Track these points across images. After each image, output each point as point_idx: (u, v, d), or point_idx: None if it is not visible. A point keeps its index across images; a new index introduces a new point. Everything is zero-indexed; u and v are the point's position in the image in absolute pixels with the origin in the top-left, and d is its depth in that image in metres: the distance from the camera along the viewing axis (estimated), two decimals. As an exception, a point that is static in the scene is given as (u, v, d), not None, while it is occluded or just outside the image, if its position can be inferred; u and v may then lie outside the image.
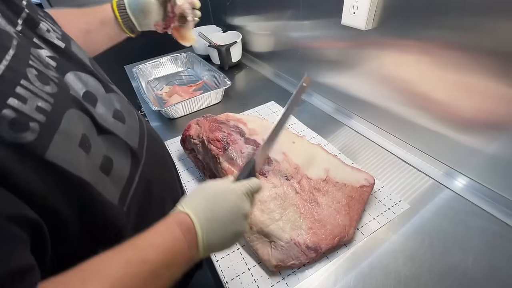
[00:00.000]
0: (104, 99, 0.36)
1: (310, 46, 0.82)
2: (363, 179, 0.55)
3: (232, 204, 0.33)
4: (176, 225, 0.30)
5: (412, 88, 0.59)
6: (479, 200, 0.53)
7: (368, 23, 0.57)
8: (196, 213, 0.31)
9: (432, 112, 0.57)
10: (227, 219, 0.33)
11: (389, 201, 0.55)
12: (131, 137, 0.38)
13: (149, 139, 0.43)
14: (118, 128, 0.36)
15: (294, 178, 0.53)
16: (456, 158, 0.57)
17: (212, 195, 0.34)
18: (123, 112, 0.38)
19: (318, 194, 0.52)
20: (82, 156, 0.29)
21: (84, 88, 0.34)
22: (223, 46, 1.02)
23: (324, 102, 0.85)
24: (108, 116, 0.35)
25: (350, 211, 0.50)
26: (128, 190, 0.36)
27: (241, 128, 0.61)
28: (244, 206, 0.35)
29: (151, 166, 0.41)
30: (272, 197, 0.50)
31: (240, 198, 0.34)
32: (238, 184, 0.36)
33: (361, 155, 0.67)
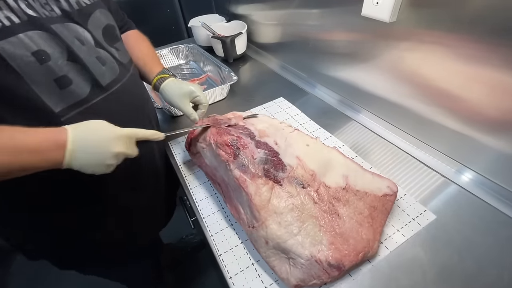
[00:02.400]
0: (91, 48, 0.48)
1: (321, 38, 0.77)
2: (385, 187, 0.51)
3: (105, 138, 0.42)
4: (54, 130, 0.39)
5: (433, 85, 0.54)
6: (508, 209, 0.50)
7: (393, 15, 0.52)
8: (73, 129, 0.40)
9: (456, 112, 0.53)
10: (95, 146, 0.41)
11: (413, 210, 0.51)
12: (103, 76, 0.49)
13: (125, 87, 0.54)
14: (94, 66, 0.47)
15: (311, 186, 0.49)
16: (481, 163, 0.53)
17: (94, 127, 0.42)
18: (106, 61, 0.50)
19: (338, 204, 0.48)
20: (33, 63, 0.39)
21: (75, 36, 0.45)
22: (227, 37, 0.96)
23: (331, 95, 0.80)
24: (90, 56, 0.47)
25: (374, 223, 0.46)
26: (76, 107, 0.45)
27: (250, 130, 0.57)
28: (114, 144, 0.42)
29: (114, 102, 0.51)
30: (289, 209, 0.46)
31: (115, 138, 0.43)
32: (122, 128, 0.44)
33: (374, 155, 0.63)
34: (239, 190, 0.48)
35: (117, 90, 0.52)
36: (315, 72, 0.85)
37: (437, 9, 0.48)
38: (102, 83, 0.49)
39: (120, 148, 0.43)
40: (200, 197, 0.57)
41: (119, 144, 0.43)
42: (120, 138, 0.43)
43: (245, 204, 0.47)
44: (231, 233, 0.50)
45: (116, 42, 0.55)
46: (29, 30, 0.39)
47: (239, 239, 0.49)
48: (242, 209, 0.48)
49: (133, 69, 0.60)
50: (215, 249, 0.48)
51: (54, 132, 0.39)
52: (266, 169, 0.49)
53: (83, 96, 0.46)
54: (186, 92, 0.62)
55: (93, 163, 0.42)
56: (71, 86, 0.44)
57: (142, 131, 0.47)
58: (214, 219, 0.53)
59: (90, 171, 0.42)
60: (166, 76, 0.65)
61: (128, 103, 0.55)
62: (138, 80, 0.63)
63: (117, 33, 0.57)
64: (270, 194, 0.46)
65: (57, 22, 0.43)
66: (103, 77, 0.49)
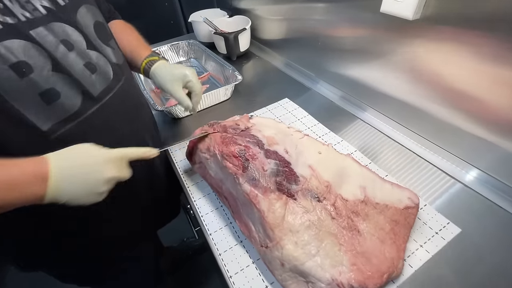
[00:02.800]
0: (81, 50, 0.43)
1: (331, 34, 0.72)
2: (406, 198, 0.47)
3: (92, 165, 0.38)
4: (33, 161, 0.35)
5: (451, 86, 0.51)
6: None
7: (417, 12, 0.47)
8: (56, 158, 0.36)
9: (476, 115, 0.49)
10: (83, 173, 0.37)
11: (435, 223, 0.48)
12: (93, 85, 0.45)
13: (119, 95, 0.49)
14: (82, 75, 0.43)
15: (327, 199, 0.46)
16: (498, 168, 0.50)
17: (79, 152, 0.38)
18: (98, 67, 0.45)
19: (357, 219, 0.44)
20: (12, 77, 0.35)
21: (62, 39, 0.40)
22: (230, 33, 0.90)
23: (339, 95, 0.76)
24: (77, 63, 0.42)
25: (396, 240, 0.43)
26: (68, 122, 0.42)
27: (258, 138, 0.53)
28: (104, 170, 0.38)
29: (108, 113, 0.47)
30: (305, 226, 0.42)
31: (104, 163, 0.38)
32: (110, 150, 0.40)
33: (385, 157, 0.60)
34: (249, 205, 0.44)
35: (110, 99, 0.48)
36: (322, 70, 0.81)
37: (465, 5, 0.43)
38: (93, 93, 0.44)
39: (112, 172, 0.38)
40: (205, 211, 0.53)
41: (110, 168, 0.38)
42: (110, 161, 0.39)
43: (257, 221, 0.44)
44: (241, 251, 0.47)
45: (109, 39, 0.50)
46: (5, 39, 0.34)
47: (250, 258, 0.46)
48: (254, 227, 0.44)
49: (128, 72, 0.55)
50: (224, 270, 0.44)
51: (34, 163, 0.35)
52: (279, 181, 0.46)
53: (74, 110, 0.42)
54: (178, 76, 0.57)
55: (82, 193, 0.37)
56: (59, 99, 0.40)
57: (133, 150, 0.42)
58: (222, 235, 0.49)
59: (79, 203, 0.37)
60: (156, 58, 0.59)
61: (123, 112, 0.51)
62: (133, 85, 0.58)
63: (109, 30, 0.52)
64: (284, 210, 0.43)
65: (41, 25, 0.38)
66: (94, 86, 0.45)
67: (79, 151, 0.38)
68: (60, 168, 0.35)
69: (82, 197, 0.37)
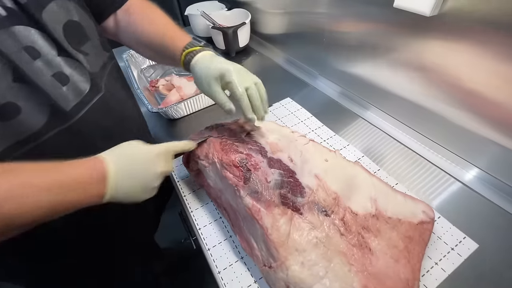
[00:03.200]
0: (50, 59, 0.37)
1: (336, 29, 0.68)
2: (420, 212, 0.44)
3: (146, 160, 0.38)
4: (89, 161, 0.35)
5: (466, 86, 0.47)
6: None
7: (436, 7, 0.43)
8: (111, 156, 0.36)
9: (485, 116, 0.47)
10: (139, 170, 0.37)
11: (451, 237, 0.45)
12: (65, 99, 0.38)
13: (98, 108, 0.43)
14: (51, 86, 0.37)
15: (335, 212, 0.42)
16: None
17: (131, 150, 0.38)
18: (71, 77, 0.39)
19: (368, 236, 0.41)
20: None
21: (25, 46, 0.34)
22: (229, 28, 0.85)
23: (344, 93, 0.72)
24: (44, 73, 0.36)
25: (411, 258, 0.40)
26: (22, 146, 0.36)
27: (260, 144, 0.49)
28: (156, 164, 0.39)
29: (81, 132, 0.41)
30: (312, 244, 0.38)
31: (155, 157, 0.39)
32: (157, 145, 0.40)
33: (389, 159, 0.57)
34: (251, 221, 0.41)
35: (86, 114, 0.41)
36: (326, 68, 0.77)
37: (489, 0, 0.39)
38: (64, 107, 0.38)
39: (163, 166, 0.40)
40: (203, 223, 0.49)
41: (160, 162, 0.39)
42: (160, 156, 0.40)
43: (260, 238, 0.40)
44: (241, 269, 0.43)
45: (84, 43, 0.42)
46: None
47: (252, 277, 0.42)
48: (256, 244, 0.41)
49: (112, 78, 0.48)
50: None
51: (90, 163, 0.35)
52: (283, 194, 0.42)
53: (35, 129, 0.36)
54: (214, 74, 0.44)
55: (138, 190, 0.38)
56: (19, 116, 0.34)
57: (176, 144, 0.44)
58: (221, 250, 0.45)
59: (134, 199, 0.38)
60: (196, 49, 0.47)
61: (103, 128, 0.45)
62: (118, 94, 0.50)
63: (85, 30, 0.43)
64: (289, 227, 0.39)
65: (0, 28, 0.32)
66: (65, 100, 0.38)
67: (131, 148, 0.38)
68: (117, 166, 0.35)
69: (138, 193, 0.38)
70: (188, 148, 0.46)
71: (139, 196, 0.38)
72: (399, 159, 0.58)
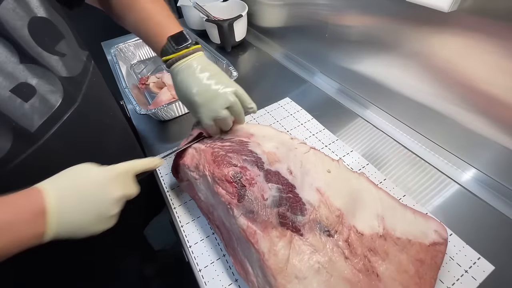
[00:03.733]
0: (11, 69, 0.31)
1: (339, 23, 0.63)
2: (432, 232, 0.40)
3: (98, 185, 0.32)
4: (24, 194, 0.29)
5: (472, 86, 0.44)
6: None
7: (455, 3, 0.38)
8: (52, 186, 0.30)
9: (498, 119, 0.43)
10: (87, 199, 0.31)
11: (464, 258, 0.41)
12: (29, 118, 0.33)
13: (72, 123, 0.37)
14: (10, 105, 0.31)
15: (338, 233, 0.38)
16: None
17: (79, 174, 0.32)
18: (37, 88, 0.33)
19: (375, 259, 0.37)
20: None
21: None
22: (225, 21, 0.80)
23: (347, 93, 0.68)
24: (2, 88, 0.30)
25: (422, 285, 0.36)
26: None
27: (257, 154, 0.44)
28: (112, 189, 0.32)
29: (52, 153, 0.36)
30: (314, 270, 0.35)
31: (110, 180, 0.33)
32: (112, 166, 0.34)
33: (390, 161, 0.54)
34: (246, 243, 0.36)
35: (57, 132, 0.35)
36: (327, 64, 0.72)
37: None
38: (28, 128, 0.33)
39: (120, 190, 0.33)
40: (194, 240, 0.45)
41: (116, 186, 0.33)
42: (115, 179, 0.33)
43: (255, 263, 0.36)
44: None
45: (58, 41, 0.36)
46: None
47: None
48: (251, 269, 0.37)
49: (92, 80, 0.42)
50: (216, 319, 0.37)
51: (25, 196, 0.28)
52: (282, 213, 0.38)
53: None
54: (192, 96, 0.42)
55: (90, 222, 0.31)
56: None
57: (138, 162, 0.36)
58: (213, 271, 0.41)
59: (87, 233, 0.31)
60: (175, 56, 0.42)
61: (80, 145, 0.39)
62: (99, 99, 0.44)
63: (58, 27, 0.37)
64: (288, 251, 0.35)
65: None
66: (29, 119, 0.32)
67: (77, 173, 0.32)
68: (60, 196, 0.29)
69: (90, 226, 0.31)
70: (152, 166, 0.38)
71: (94, 228, 0.32)
72: (399, 160, 0.55)
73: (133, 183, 0.36)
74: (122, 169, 0.34)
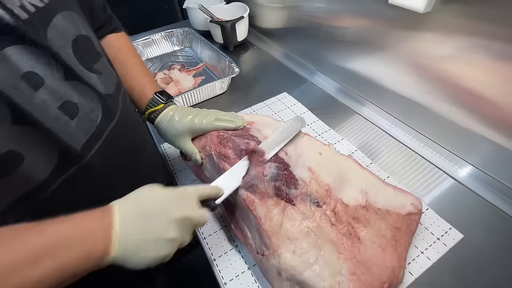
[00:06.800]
0: (55, 86, 0.30)
1: (333, 24, 0.69)
2: (409, 204, 0.45)
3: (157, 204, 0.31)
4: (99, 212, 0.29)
5: (459, 83, 0.48)
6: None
7: (429, 4, 0.44)
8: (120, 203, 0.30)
9: (480, 114, 0.48)
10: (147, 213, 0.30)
11: (437, 228, 0.47)
12: (75, 135, 0.33)
13: (113, 138, 0.38)
14: (58, 123, 0.31)
15: (326, 204, 0.44)
16: (500, 171, 0.48)
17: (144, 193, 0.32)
18: (79, 106, 0.33)
19: (358, 226, 0.42)
20: None
21: (29, 68, 0.28)
22: (227, 22, 0.86)
23: (340, 89, 0.74)
24: (50, 106, 0.30)
25: (398, 247, 0.42)
26: (28, 199, 0.30)
27: (257, 139, 0.50)
28: (172, 208, 0.32)
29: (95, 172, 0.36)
30: (304, 233, 0.40)
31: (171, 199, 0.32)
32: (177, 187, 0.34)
33: (384, 156, 0.59)
34: (246, 211, 0.42)
35: (100, 150, 0.35)
36: (323, 63, 0.78)
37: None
38: (75, 146, 0.32)
39: (180, 210, 0.31)
40: (201, 212, 0.51)
41: (177, 206, 0.32)
42: (178, 199, 0.33)
43: (253, 228, 0.42)
44: (236, 256, 0.45)
45: (96, 60, 0.37)
46: None
47: (245, 264, 0.44)
48: (250, 233, 0.43)
49: (124, 97, 0.43)
50: (219, 276, 0.43)
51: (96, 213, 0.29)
52: (277, 186, 0.43)
53: (41, 179, 0.30)
54: (181, 130, 0.47)
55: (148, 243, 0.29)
56: (20, 166, 0.28)
57: (204, 187, 0.36)
58: (216, 239, 0.47)
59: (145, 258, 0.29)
60: (159, 108, 0.48)
61: (121, 166, 0.40)
62: (133, 116, 0.47)
63: (95, 45, 0.38)
64: (282, 217, 0.41)
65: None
66: (76, 137, 0.32)
67: (141, 193, 0.32)
68: (122, 216, 0.29)
69: (148, 248, 0.29)
70: (216, 193, 0.38)
71: (152, 253, 0.29)
72: (394, 155, 0.59)
73: (197, 206, 0.34)
74: (184, 189, 0.34)
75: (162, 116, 0.48)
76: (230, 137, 0.48)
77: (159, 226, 0.30)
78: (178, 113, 0.48)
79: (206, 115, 0.49)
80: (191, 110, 0.49)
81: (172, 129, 0.47)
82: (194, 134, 0.49)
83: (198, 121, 0.48)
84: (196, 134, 0.49)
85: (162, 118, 0.48)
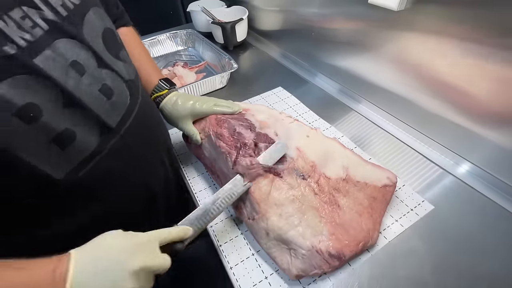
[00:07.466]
0: (93, 72, 0.36)
1: (325, 26, 0.75)
2: (385, 178, 0.51)
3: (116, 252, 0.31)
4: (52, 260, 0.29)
5: (438, 78, 0.53)
6: (505, 202, 0.50)
7: (402, 3, 0.50)
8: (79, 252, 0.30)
9: (459, 106, 0.52)
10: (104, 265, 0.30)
11: (411, 201, 0.52)
12: (111, 114, 0.38)
13: (139, 118, 0.43)
14: (98, 103, 0.36)
15: (311, 177, 0.49)
16: (480, 155, 0.53)
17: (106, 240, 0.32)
18: (113, 89, 0.38)
19: (338, 195, 0.48)
20: (16, 126, 0.28)
21: (72, 62, 0.33)
22: (227, 23, 0.93)
23: (332, 85, 0.79)
24: (92, 89, 0.35)
25: (373, 214, 0.47)
26: (84, 166, 0.36)
27: (251, 121, 0.56)
28: (130, 258, 0.30)
29: (127, 146, 0.41)
30: (289, 200, 0.46)
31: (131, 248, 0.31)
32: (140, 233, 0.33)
33: (374, 145, 0.63)
34: (239, 182, 0.48)
35: (130, 127, 0.41)
36: (316, 61, 0.84)
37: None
38: (111, 124, 0.38)
39: (141, 261, 0.30)
40: (199, 188, 0.57)
41: (138, 255, 0.31)
42: (139, 248, 0.32)
43: (245, 197, 0.47)
44: (230, 223, 0.51)
45: (120, 50, 0.42)
46: (5, 78, 0.26)
47: (239, 230, 0.50)
48: (242, 202, 0.48)
49: (142, 85, 0.49)
50: (215, 240, 0.48)
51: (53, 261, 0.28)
52: (267, 161, 0.49)
53: (91, 149, 0.36)
54: (184, 113, 0.53)
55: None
56: (75, 141, 0.33)
57: (165, 232, 0.36)
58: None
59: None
60: (163, 93, 0.54)
61: (142, 137, 0.45)
62: (149, 98, 0.53)
63: (118, 37, 0.43)
64: (270, 188, 0.46)
65: (46, 47, 0.30)
66: (111, 115, 0.38)
67: (107, 238, 0.31)
68: (79, 266, 0.28)
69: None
70: (181, 236, 0.37)
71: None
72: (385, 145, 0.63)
73: (157, 253, 0.33)
74: (145, 236, 0.33)
75: (166, 100, 0.54)
76: (226, 119, 0.54)
77: (115, 278, 0.29)
78: (181, 98, 0.54)
79: (206, 100, 0.55)
80: (193, 96, 0.56)
81: (176, 112, 0.54)
82: (195, 117, 0.55)
83: (199, 106, 0.54)
84: (197, 117, 0.55)
85: (167, 102, 0.54)
